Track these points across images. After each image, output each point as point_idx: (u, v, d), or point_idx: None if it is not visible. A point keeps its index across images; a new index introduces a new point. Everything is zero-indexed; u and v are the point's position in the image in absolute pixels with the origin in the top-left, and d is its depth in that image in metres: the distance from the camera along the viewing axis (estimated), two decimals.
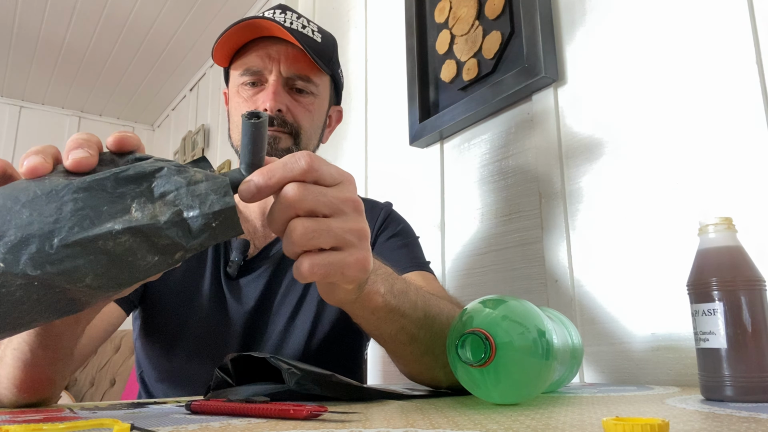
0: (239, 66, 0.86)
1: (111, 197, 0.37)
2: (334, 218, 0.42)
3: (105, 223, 0.36)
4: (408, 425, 0.37)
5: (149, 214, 0.36)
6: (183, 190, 0.37)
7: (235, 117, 0.87)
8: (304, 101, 0.86)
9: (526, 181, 1.11)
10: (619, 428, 0.31)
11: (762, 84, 0.78)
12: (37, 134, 3.55)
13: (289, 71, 0.84)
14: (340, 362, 0.89)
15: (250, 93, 0.85)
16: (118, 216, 0.36)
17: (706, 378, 0.54)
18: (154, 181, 0.37)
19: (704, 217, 0.58)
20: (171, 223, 0.37)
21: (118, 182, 0.37)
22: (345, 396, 0.57)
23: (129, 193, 0.37)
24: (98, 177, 0.37)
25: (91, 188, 0.36)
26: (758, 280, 0.53)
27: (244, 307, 0.84)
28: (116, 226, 0.36)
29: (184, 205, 0.37)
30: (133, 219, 0.36)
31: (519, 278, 1.09)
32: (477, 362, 0.47)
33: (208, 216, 0.37)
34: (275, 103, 0.82)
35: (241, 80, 0.85)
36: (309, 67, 0.85)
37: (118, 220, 0.36)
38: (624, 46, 0.96)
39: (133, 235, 0.36)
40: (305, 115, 0.86)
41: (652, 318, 0.87)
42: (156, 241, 0.37)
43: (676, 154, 0.86)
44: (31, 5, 2.58)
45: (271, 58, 0.84)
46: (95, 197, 0.36)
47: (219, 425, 0.39)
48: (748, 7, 0.80)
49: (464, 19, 1.26)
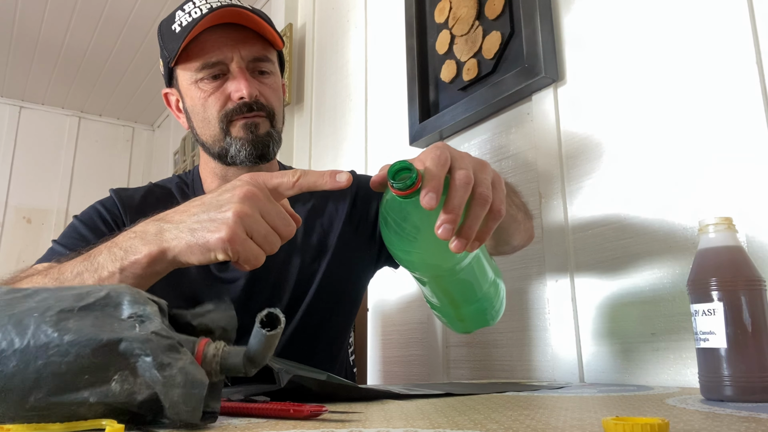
0: (193, 61, 0.82)
1: (96, 365, 0.37)
2: None
3: (82, 392, 0.36)
4: (408, 425, 0.37)
5: (127, 390, 0.37)
6: (159, 387, 0.37)
7: (202, 110, 0.83)
8: (268, 81, 0.85)
9: (526, 181, 1.11)
10: (619, 428, 0.31)
11: (762, 84, 0.78)
12: (37, 134, 3.55)
13: (249, 55, 0.82)
14: (328, 335, 0.91)
15: (215, 85, 0.82)
16: (97, 386, 0.37)
17: (706, 378, 0.54)
18: (138, 361, 0.37)
19: (704, 217, 0.58)
20: (145, 403, 0.37)
21: (110, 352, 0.37)
22: (343, 396, 0.57)
23: (113, 365, 0.37)
24: (92, 343, 0.37)
25: (80, 355, 0.37)
26: (758, 280, 0.53)
27: (236, 286, 0.85)
28: (91, 398, 0.36)
29: (160, 394, 0.37)
30: (110, 393, 0.37)
31: (519, 278, 1.09)
32: (407, 187, 0.48)
33: (175, 419, 0.37)
34: (251, 89, 0.81)
35: (200, 75, 0.82)
36: (264, 46, 0.84)
37: (95, 391, 0.36)
38: (624, 46, 0.96)
39: (107, 406, 0.37)
40: (273, 96, 0.85)
41: (652, 318, 0.87)
42: (130, 410, 0.37)
43: (676, 154, 0.86)
44: (31, 5, 2.58)
45: (229, 45, 0.81)
46: (80, 362, 0.37)
47: (219, 425, 0.39)
48: (748, 7, 0.80)
49: (464, 20, 1.26)
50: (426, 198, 0.47)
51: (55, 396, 0.36)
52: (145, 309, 0.39)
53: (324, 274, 0.89)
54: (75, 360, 0.36)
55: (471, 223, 0.51)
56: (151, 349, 0.37)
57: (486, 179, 0.53)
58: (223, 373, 0.40)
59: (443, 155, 0.51)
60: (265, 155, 0.83)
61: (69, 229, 0.85)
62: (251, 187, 0.53)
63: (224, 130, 0.82)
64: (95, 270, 0.57)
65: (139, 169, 3.85)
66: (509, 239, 0.82)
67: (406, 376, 1.36)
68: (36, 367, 0.36)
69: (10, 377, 0.36)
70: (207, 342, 0.40)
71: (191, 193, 0.91)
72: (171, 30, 0.83)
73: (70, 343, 0.37)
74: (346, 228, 0.92)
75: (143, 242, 0.55)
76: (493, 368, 1.12)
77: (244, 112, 0.81)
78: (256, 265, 0.53)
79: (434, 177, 0.49)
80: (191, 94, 0.84)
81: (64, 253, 0.77)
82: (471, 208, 0.51)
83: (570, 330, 0.97)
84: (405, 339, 1.38)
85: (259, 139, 0.82)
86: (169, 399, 0.36)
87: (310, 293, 0.88)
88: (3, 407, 0.35)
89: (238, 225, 0.51)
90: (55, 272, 0.61)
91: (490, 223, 0.53)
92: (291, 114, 2.05)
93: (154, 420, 0.38)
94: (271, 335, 0.39)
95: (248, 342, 0.40)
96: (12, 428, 0.31)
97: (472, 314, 0.67)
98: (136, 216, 0.85)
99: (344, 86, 1.77)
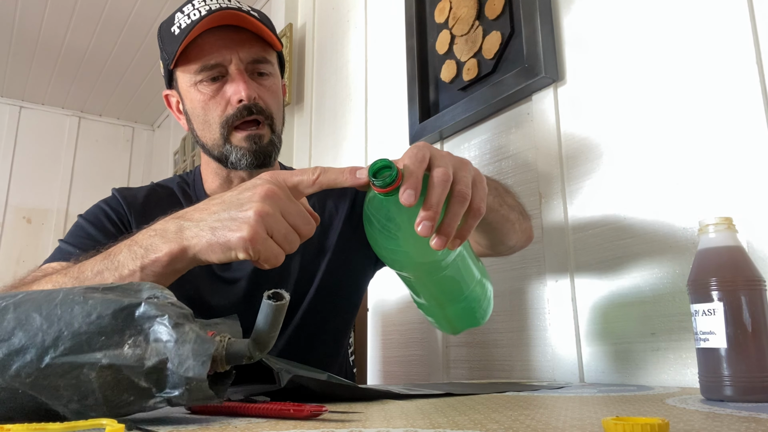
0: (192, 63, 0.81)
1: (113, 327, 0.39)
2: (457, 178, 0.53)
3: (96, 353, 0.38)
4: (408, 425, 0.37)
5: (138, 355, 0.38)
6: (171, 344, 0.39)
7: (203, 113, 0.83)
8: (268, 84, 0.84)
9: (526, 181, 1.11)
10: (619, 428, 0.31)
11: (762, 84, 0.78)
12: (37, 134, 3.55)
13: (248, 57, 0.82)
14: (328, 335, 0.92)
15: (214, 88, 0.82)
16: (111, 348, 0.38)
17: (706, 378, 0.54)
18: (153, 326, 0.39)
19: (704, 217, 0.58)
20: (153, 368, 0.38)
21: (128, 316, 0.39)
22: (343, 396, 0.57)
23: (129, 329, 0.39)
24: (114, 305, 0.39)
25: (101, 315, 0.39)
26: (758, 280, 0.53)
27: (238, 284, 0.85)
28: (103, 360, 0.38)
29: (169, 358, 0.38)
30: (122, 356, 0.38)
31: (519, 278, 1.09)
32: (387, 185, 0.49)
33: (182, 378, 0.38)
34: (250, 92, 0.80)
35: (199, 78, 0.81)
36: (263, 48, 0.84)
37: (108, 353, 0.38)
38: (624, 46, 0.96)
39: (116, 372, 0.38)
40: (272, 98, 0.84)
41: (652, 318, 0.87)
42: (136, 381, 0.38)
43: (676, 153, 0.86)
44: (31, 5, 2.58)
45: (228, 47, 0.81)
46: (100, 323, 0.39)
47: (219, 425, 0.39)
48: (748, 7, 0.80)
49: (464, 20, 1.26)
50: (405, 195, 0.48)
51: (71, 355, 0.37)
52: (162, 292, 0.42)
53: (324, 273, 0.89)
54: (96, 320, 0.39)
55: (450, 221, 0.51)
56: (168, 312, 0.40)
57: (465, 177, 0.53)
58: (229, 361, 0.41)
59: (420, 153, 0.51)
60: (266, 164, 0.83)
61: (75, 228, 0.85)
62: (272, 186, 0.53)
63: (224, 137, 0.82)
64: (116, 268, 0.57)
65: (139, 169, 3.85)
66: (504, 239, 0.82)
67: (406, 376, 1.36)
68: (58, 327, 0.38)
69: (32, 336, 0.38)
70: (213, 333, 0.42)
71: (192, 193, 0.91)
72: (170, 32, 0.83)
73: (93, 305, 0.39)
74: (345, 228, 0.92)
75: (164, 240, 0.55)
76: (493, 368, 1.12)
77: (245, 116, 0.81)
78: (276, 264, 0.53)
79: (412, 174, 0.49)
80: (191, 97, 0.84)
81: (74, 252, 0.78)
82: (450, 206, 0.51)
83: (570, 330, 0.97)
84: (405, 339, 1.38)
85: (262, 149, 0.82)
86: (180, 355, 0.38)
87: (310, 293, 0.88)
88: (19, 365, 0.37)
89: (259, 224, 0.51)
90: (74, 271, 0.61)
91: (470, 221, 0.54)
92: (291, 114, 2.05)
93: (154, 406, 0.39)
94: (278, 306, 0.40)
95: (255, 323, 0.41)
96: (12, 428, 0.31)
97: (459, 314, 0.68)
98: (139, 215, 0.85)
99: (344, 86, 1.77)
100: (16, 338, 0.38)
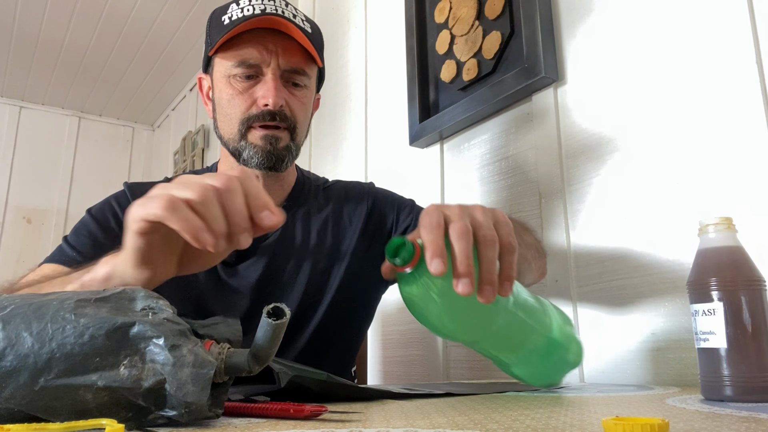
0: (232, 56, 0.82)
1: (107, 348, 0.38)
2: None
3: (91, 375, 0.37)
4: (408, 425, 0.37)
5: (135, 376, 0.37)
6: (168, 368, 0.38)
7: (228, 106, 0.83)
8: (299, 94, 0.85)
9: (526, 181, 1.11)
10: (619, 428, 0.31)
11: (762, 84, 0.78)
12: (37, 134, 3.55)
13: (286, 65, 0.82)
14: (340, 346, 0.91)
15: (245, 86, 0.82)
16: (106, 370, 0.37)
17: (706, 378, 0.54)
18: (149, 346, 0.38)
19: (704, 217, 0.58)
20: (151, 389, 0.37)
21: (122, 336, 0.38)
22: (343, 396, 0.57)
23: (124, 349, 0.38)
24: (107, 325, 0.38)
25: (94, 336, 0.38)
26: (758, 280, 0.53)
27: (244, 292, 0.84)
28: (99, 382, 0.37)
29: (167, 380, 0.38)
30: (118, 377, 0.37)
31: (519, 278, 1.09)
32: (409, 259, 0.49)
33: (181, 402, 0.37)
34: (277, 99, 0.81)
35: (235, 72, 0.82)
36: (305, 60, 0.84)
37: (104, 374, 0.37)
38: (624, 45, 0.96)
39: (112, 392, 0.37)
40: (300, 109, 0.85)
41: (652, 318, 0.87)
42: (133, 401, 0.37)
43: (676, 153, 0.86)
44: (31, 5, 2.58)
45: (269, 50, 0.81)
46: (93, 344, 0.38)
47: (219, 425, 0.39)
48: (748, 7, 0.80)
49: (464, 20, 1.26)
50: (432, 264, 0.47)
51: (65, 378, 0.37)
52: (157, 302, 0.41)
53: (337, 285, 0.88)
54: (89, 341, 0.37)
55: (487, 267, 0.50)
56: (163, 332, 0.38)
57: (485, 221, 0.52)
58: (228, 373, 0.41)
59: (434, 218, 0.50)
60: (276, 168, 0.83)
61: (80, 225, 0.85)
62: (234, 181, 0.48)
63: (241, 133, 0.82)
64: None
65: (139, 169, 3.85)
66: (519, 279, 0.81)
67: (406, 376, 1.36)
68: (50, 348, 0.37)
69: (24, 357, 0.37)
70: (212, 343, 0.41)
71: None
72: (220, 20, 0.84)
73: (85, 325, 0.38)
74: (360, 240, 0.92)
75: None
76: (493, 368, 1.12)
77: (267, 120, 0.81)
78: (197, 238, 0.45)
79: (432, 242, 0.48)
80: (221, 87, 0.84)
81: (72, 255, 0.78)
82: (480, 253, 0.50)
83: None
84: (405, 339, 1.38)
85: (276, 152, 0.82)
86: (178, 379, 0.37)
87: (323, 305, 0.87)
88: (12, 388, 0.36)
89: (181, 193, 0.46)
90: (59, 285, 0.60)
91: (508, 258, 0.52)
92: None
93: (153, 422, 0.38)
94: (277, 324, 0.40)
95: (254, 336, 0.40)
96: (12, 428, 0.31)
97: (545, 362, 0.64)
98: None
99: (344, 86, 1.77)
100: (6, 360, 0.36)
